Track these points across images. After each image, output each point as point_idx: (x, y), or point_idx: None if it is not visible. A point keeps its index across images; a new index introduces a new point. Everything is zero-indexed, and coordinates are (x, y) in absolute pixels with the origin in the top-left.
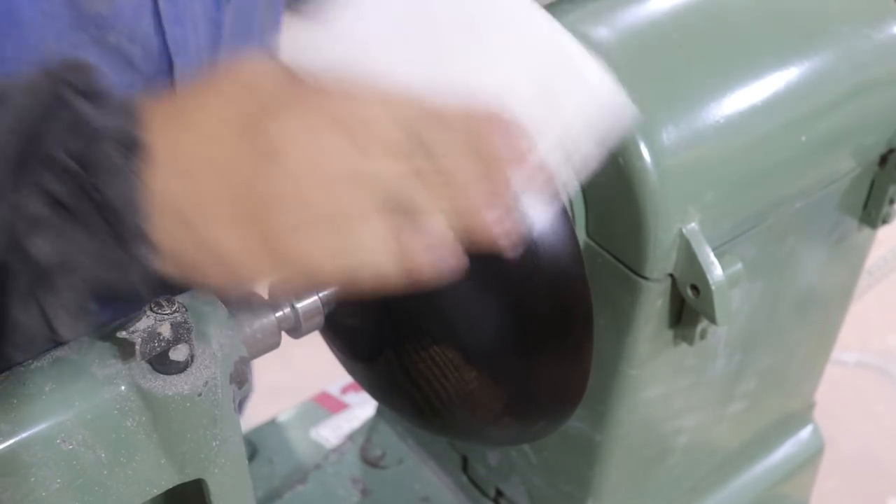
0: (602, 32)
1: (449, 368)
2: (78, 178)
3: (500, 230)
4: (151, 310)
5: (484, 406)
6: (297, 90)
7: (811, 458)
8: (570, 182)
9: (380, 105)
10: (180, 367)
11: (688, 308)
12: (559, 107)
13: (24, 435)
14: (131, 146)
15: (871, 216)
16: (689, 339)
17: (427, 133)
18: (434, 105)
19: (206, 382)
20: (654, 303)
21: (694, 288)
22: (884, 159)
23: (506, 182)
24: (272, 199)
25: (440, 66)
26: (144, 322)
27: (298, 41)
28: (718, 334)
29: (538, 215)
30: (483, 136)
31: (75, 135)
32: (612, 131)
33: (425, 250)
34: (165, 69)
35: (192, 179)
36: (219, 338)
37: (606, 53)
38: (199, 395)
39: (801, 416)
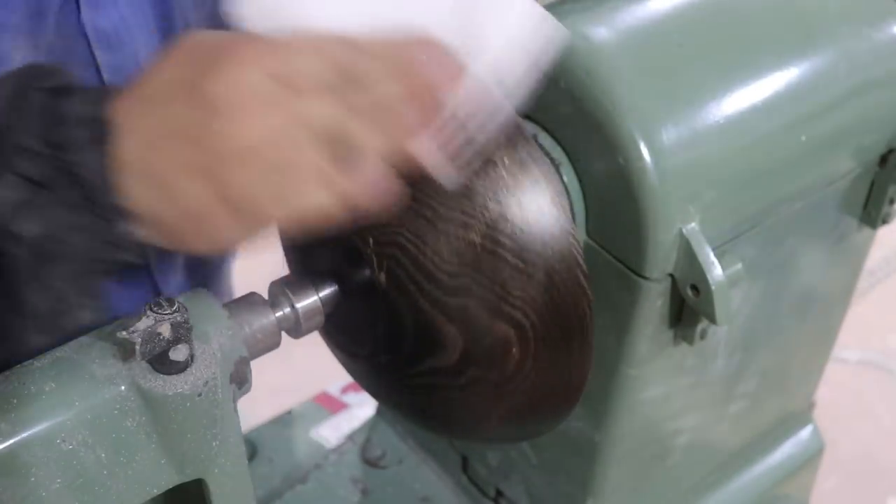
0: (602, 32)
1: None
2: (51, 160)
3: (436, 152)
4: (151, 310)
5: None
6: (232, 46)
7: (811, 458)
8: (505, 105)
9: (308, 48)
10: (180, 367)
11: (688, 308)
12: (485, 32)
13: (24, 435)
14: (99, 124)
15: (871, 216)
16: (689, 339)
17: (355, 66)
18: (360, 40)
19: (206, 382)
20: (654, 303)
21: (694, 288)
22: (884, 159)
23: (438, 102)
24: (219, 153)
25: (365, 9)
26: (144, 322)
27: (240, 4)
28: (718, 334)
29: (477, 135)
30: (410, 60)
31: (44, 121)
32: (544, 53)
33: (362, 183)
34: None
35: (153, 145)
36: (219, 338)
37: (606, 53)
38: (199, 395)
39: (801, 416)
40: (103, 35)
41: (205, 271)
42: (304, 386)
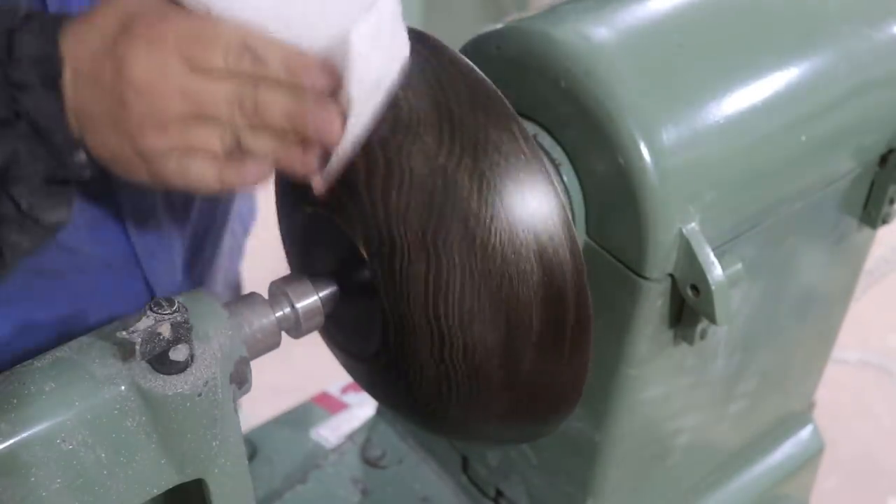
0: (602, 32)
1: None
2: (7, 101)
3: (301, 161)
4: (151, 310)
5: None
6: (155, 21)
7: (811, 458)
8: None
9: (218, 35)
10: (180, 367)
11: (688, 308)
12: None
13: (24, 435)
14: (48, 63)
15: (871, 216)
16: (689, 339)
17: (250, 64)
18: (262, 40)
19: (206, 382)
20: (654, 303)
21: (694, 288)
22: (884, 159)
23: (310, 111)
24: (138, 123)
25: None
26: (144, 322)
27: None
28: (718, 334)
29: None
30: (296, 71)
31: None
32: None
33: (243, 176)
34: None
35: (90, 91)
36: (219, 338)
37: (607, 53)
38: (199, 395)
39: (801, 416)
40: None
41: (200, 270)
42: (304, 386)
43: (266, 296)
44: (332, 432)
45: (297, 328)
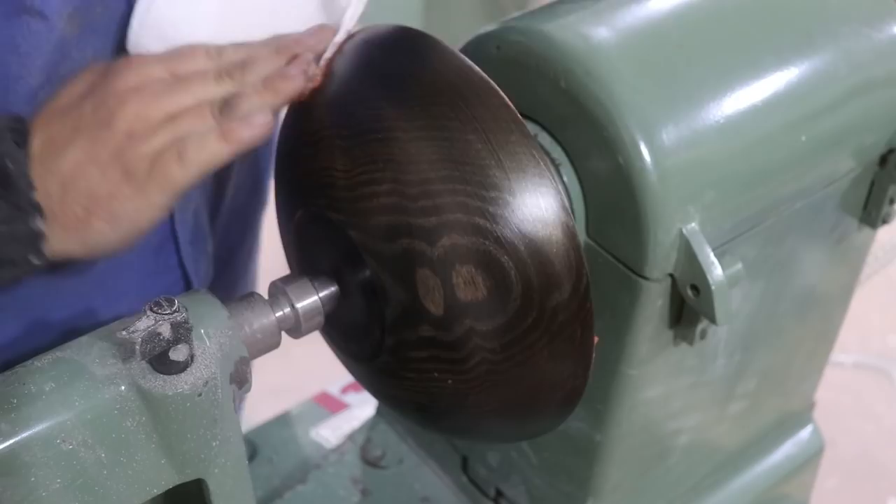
0: (602, 32)
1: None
2: None
3: (297, 84)
4: (151, 310)
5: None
6: (132, 57)
7: (811, 458)
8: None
9: (199, 51)
10: (180, 367)
11: (688, 308)
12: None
13: (24, 435)
14: (18, 130)
15: (871, 216)
16: (689, 339)
17: (241, 56)
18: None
19: (206, 382)
20: (654, 303)
21: (694, 288)
22: (884, 159)
23: (313, 56)
24: (127, 132)
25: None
26: (144, 322)
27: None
28: (718, 334)
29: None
30: (287, 40)
31: None
32: None
33: (253, 128)
34: None
35: (58, 143)
36: (219, 338)
37: (606, 53)
38: (199, 395)
39: (801, 416)
40: None
41: (234, 263)
42: (304, 386)
43: (266, 296)
44: (332, 432)
45: (297, 328)
